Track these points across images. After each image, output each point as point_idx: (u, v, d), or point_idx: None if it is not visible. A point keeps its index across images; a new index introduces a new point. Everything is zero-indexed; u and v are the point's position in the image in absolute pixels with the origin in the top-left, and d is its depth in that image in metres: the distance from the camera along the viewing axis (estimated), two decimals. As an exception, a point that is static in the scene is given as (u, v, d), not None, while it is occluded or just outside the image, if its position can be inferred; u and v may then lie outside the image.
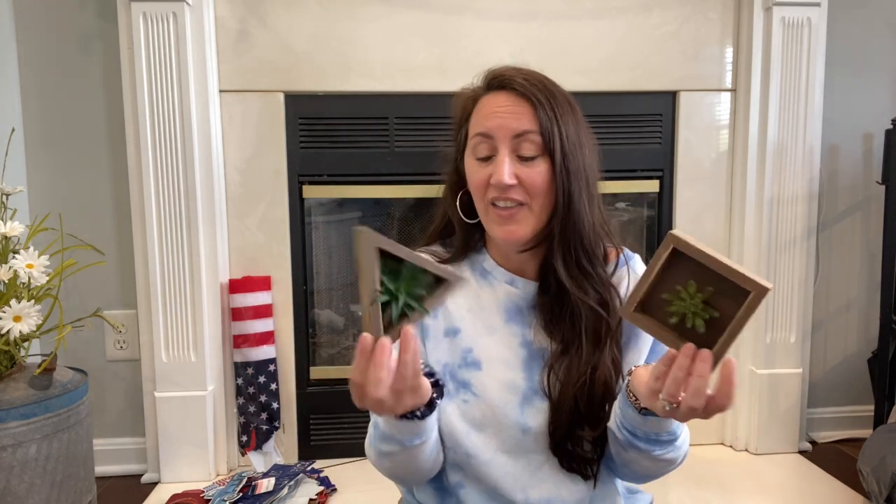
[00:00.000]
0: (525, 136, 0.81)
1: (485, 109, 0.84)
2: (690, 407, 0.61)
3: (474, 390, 0.84)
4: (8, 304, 1.32)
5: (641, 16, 1.87)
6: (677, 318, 0.62)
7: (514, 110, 0.82)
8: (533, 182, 0.81)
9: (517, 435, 0.84)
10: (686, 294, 0.61)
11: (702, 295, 0.60)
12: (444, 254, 0.92)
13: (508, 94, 0.83)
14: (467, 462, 0.85)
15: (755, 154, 1.89)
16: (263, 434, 1.86)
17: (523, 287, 0.88)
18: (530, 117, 0.81)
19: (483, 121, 0.83)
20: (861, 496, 1.69)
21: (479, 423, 0.84)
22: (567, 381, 0.82)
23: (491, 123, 0.82)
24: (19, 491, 1.30)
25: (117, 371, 1.92)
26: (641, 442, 0.76)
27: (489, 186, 0.82)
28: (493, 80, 0.86)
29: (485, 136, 0.83)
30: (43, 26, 1.81)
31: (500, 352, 0.86)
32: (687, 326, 0.61)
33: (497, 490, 0.85)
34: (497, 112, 0.82)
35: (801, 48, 1.85)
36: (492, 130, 0.82)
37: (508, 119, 0.81)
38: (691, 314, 0.61)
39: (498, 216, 0.83)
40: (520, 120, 0.81)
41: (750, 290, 0.57)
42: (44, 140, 1.85)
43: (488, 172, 0.82)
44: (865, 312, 2.11)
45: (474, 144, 0.84)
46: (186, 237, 1.77)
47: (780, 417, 1.96)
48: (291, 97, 1.84)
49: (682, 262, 0.60)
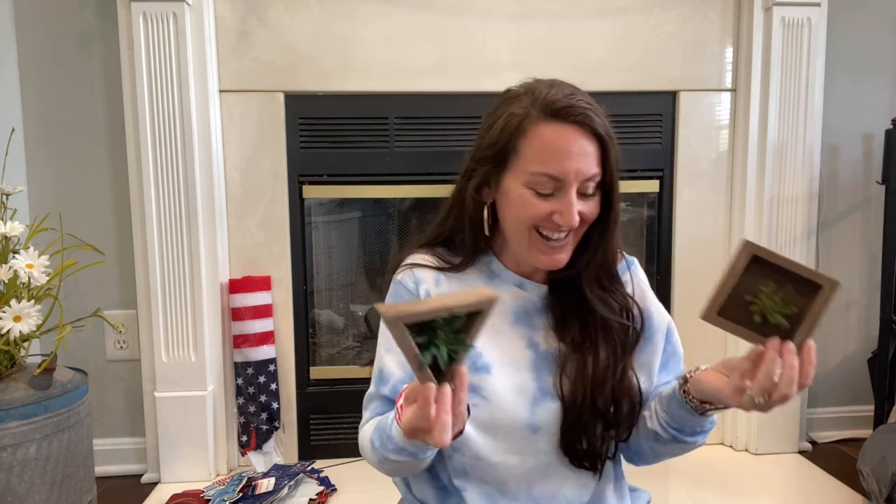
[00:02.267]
0: (594, 178, 0.81)
1: (553, 145, 0.78)
2: (784, 395, 0.67)
3: (483, 394, 0.84)
4: (8, 304, 1.32)
5: (641, 16, 1.87)
6: (760, 317, 0.69)
7: (588, 151, 0.79)
8: (590, 215, 0.82)
9: (527, 436, 0.84)
10: (766, 294, 0.68)
11: (781, 293, 0.68)
12: (450, 258, 0.91)
13: (578, 130, 0.78)
14: (475, 464, 0.85)
15: (755, 154, 1.89)
16: (263, 434, 1.86)
17: (532, 290, 0.89)
18: (599, 159, 0.80)
19: (552, 159, 0.78)
20: (861, 496, 1.69)
21: (488, 426, 0.84)
22: (578, 380, 0.83)
23: (564, 166, 0.78)
24: (19, 491, 1.30)
25: (117, 371, 1.92)
26: (688, 436, 0.83)
27: (548, 221, 0.80)
28: (562, 110, 0.78)
29: (554, 178, 0.79)
30: (43, 26, 1.81)
31: (507, 354, 0.86)
32: (770, 323, 0.69)
33: (501, 489, 0.85)
34: (570, 154, 0.78)
35: (801, 48, 1.85)
36: (564, 174, 0.78)
37: (582, 162, 0.79)
38: (773, 311, 0.68)
39: (547, 246, 0.82)
40: (590, 164, 0.79)
41: (823, 284, 0.66)
42: (44, 140, 1.85)
43: (550, 208, 0.80)
44: (865, 312, 2.11)
45: (536, 181, 0.79)
46: (186, 237, 1.77)
47: (780, 417, 1.96)
48: (291, 97, 1.84)
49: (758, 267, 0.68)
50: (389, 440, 0.78)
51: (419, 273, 0.89)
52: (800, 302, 0.67)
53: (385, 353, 0.88)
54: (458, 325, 0.64)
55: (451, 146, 1.87)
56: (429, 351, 0.63)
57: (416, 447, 0.75)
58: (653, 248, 2.01)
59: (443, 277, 0.89)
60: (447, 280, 0.89)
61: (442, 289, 0.89)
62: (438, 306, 0.62)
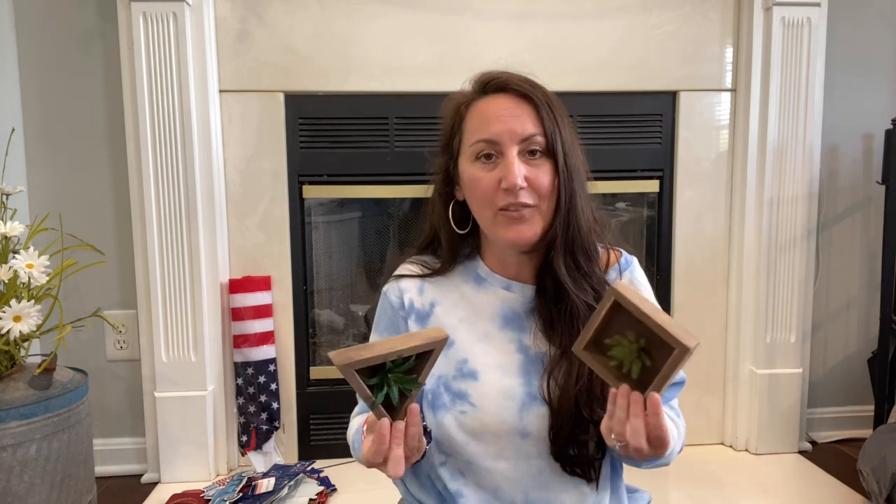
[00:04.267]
0: (531, 139, 0.80)
1: (485, 114, 0.82)
2: (634, 447, 0.65)
3: (472, 400, 0.84)
4: (8, 304, 1.33)
5: (641, 16, 1.87)
6: (616, 363, 0.68)
7: (517, 112, 0.81)
8: (541, 183, 0.81)
9: (517, 441, 0.83)
10: (626, 342, 0.67)
11: (637, 344, 0.66)
12: (434, 264, 0.92)
13: (508, 96, 0.82)
14: (468, 468, 0.85)
15: (755, 154, 1.90)
16: (263, 434, 1.86)
17: (520, 291, 0.88)
18: (534, 119, 0.81)
19: (485, 125, 0.81)
20: (861, 496, 1.69)
21: (478, 433, 0.84)
22: (567, 385, 0.81)
23: (495, 128, 0.80)
24: (19, 491, 1.30)
25: (117, 371, 1.92)
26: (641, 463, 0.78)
27: (498, 192, 0.80)
28: (490, 83, 0.84)
29: (489, 142, 0.81)
30: (43, 26, 1.81)
31: (495, 359, 0.85)
32: (623, 371, 0.67)
33: (498, 495, 0.85)
34: (500, 116, 0.81)
35: (801, 48, 1.85)
36: (497, 135, 0.80)
37: (513, 122, 0.80)
38: (628, 361, 0.67)
39: (509, 218, 0.81)
40: (524, 123, 0.80)
41: (676, 347, 0.62)
42: (44, 140, 1.85)
43: (496, 176, 0.80)
44: (865, 312, 2.11)
45: (477, 150, 0.82)
46: (186, 237, 1.77)
47: (780, 417, 1.96)
48: (291, 97, 1.84)
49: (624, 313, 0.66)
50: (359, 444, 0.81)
51: (403, 284, 0.91)
52: (656, 356, 0.65)
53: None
54: (408, 367, 0.69)
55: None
56: (381, 391, 0.68)
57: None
58: (653, 248, 2.01)
59: (427, 285, 0.90)
60: (431, 287, 0.90)
61: (426, 297, 0.90)
62: (387, 351, 0.67)
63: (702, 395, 2.00)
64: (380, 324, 0.93)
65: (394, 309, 0.91)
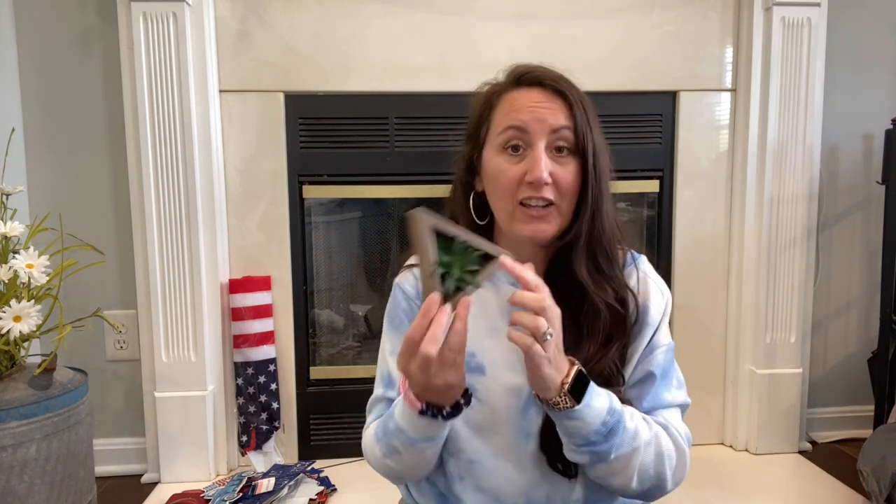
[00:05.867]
0: (560, 132, 0.80)
1: (517, 104, 0.82)
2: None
3: (479, 395, 0.83)
4: (8, 304, 1.32)
5: (641, 16, 1.87)
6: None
7: (550, 106, 0.81)
8: (566, 181, 0.80)
9: (520, 441, 0.83)
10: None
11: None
12: None
13: (542, 90, 0.82)
14: (470, 469, 0.84)
15: (755, 154, 1.89)
16: (263, 434, 1.86)
17: None
18: (566, 114, 0.81)
19: (516, 114, 0.81)
20: (861, 496, 1.69)
21: (483, 429, 0.84)
22: None
23: (527, 117, 0.80)
24: (19, 491, 1.30)
25: (117, 371, 1.92)
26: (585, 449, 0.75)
27: (521, 185, 0.80)
28: (525, 75, 0.84)
29: (519, 129, 0.80)
30: (43, 26, 1.81)
31: (503, 355, 0.85)
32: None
33: (500, 499, 0.84)
34: (532, 107, 0.81)
35: (801, 48, 1.85)
36: (528, 124, 0.80)
37: (545, 113, 0.80)
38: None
39: (528, 216, 0.81)
40: (556, 115, 0.80)
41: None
42: (44, 140, 1.85)
43: (521, 169, 0.80)
44: (865, 312, 2.11)
45: (505, 139, 0.81)
46: (186, 237, 1.77)
47: (780, 417, 1.96)
48: (291, 97, 1.84)
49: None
50: (388, 419, 0.80)
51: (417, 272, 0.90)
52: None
53: (390, 357, 0.88)
54: (473, 257, 0.69)
55: (451, 146, 1.86)
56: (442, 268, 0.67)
57: (416, 432, 0.75)
58: (653, 248, 2.01)
59: None
60: None
61: None
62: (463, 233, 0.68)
63: (702, 395, 2.00)
64: (394, 316, 0.91)
65: (408, 299, 0.90)
